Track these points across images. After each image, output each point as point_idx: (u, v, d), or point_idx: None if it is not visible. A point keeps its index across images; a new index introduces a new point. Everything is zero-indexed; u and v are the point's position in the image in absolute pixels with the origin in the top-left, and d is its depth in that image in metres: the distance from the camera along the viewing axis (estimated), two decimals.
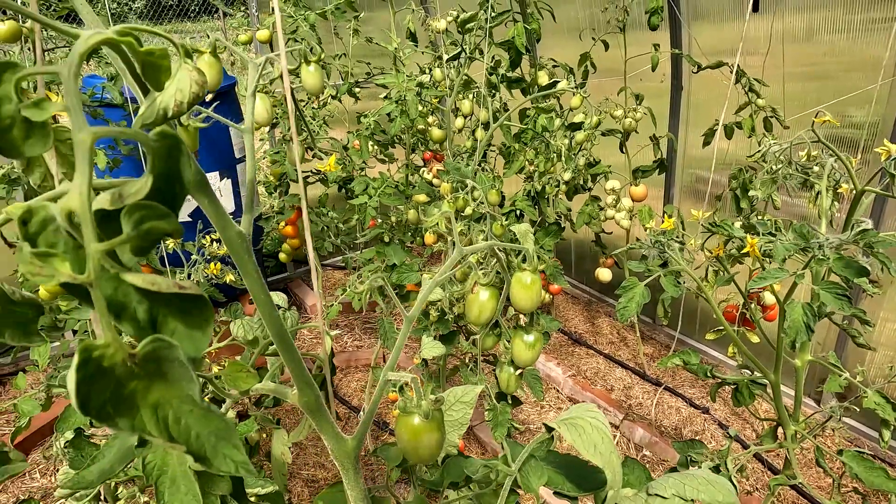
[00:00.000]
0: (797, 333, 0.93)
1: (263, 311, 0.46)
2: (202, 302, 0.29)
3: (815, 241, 0.92)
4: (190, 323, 0.29)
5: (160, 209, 0.27)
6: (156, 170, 0.28)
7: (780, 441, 1.32)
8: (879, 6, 2.36)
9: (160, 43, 0.39)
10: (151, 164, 0.28)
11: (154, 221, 0.26)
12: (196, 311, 0.29)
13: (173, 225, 0.27)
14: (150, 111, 0.37)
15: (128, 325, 0.28)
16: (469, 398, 0.63)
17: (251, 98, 0.52)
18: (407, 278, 1.82)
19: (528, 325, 0.65)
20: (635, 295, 1.11)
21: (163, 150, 0.28)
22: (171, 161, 0.28)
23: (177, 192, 0.29)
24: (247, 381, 0.58)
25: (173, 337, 0.29)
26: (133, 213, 0.26)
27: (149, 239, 0.27)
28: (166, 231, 0.27)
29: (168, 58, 0.32)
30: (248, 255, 0.44)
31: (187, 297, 0.28)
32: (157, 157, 0.28)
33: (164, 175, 0.28)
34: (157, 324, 0.29)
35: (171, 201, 0.29)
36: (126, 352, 0.26)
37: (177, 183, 0.29)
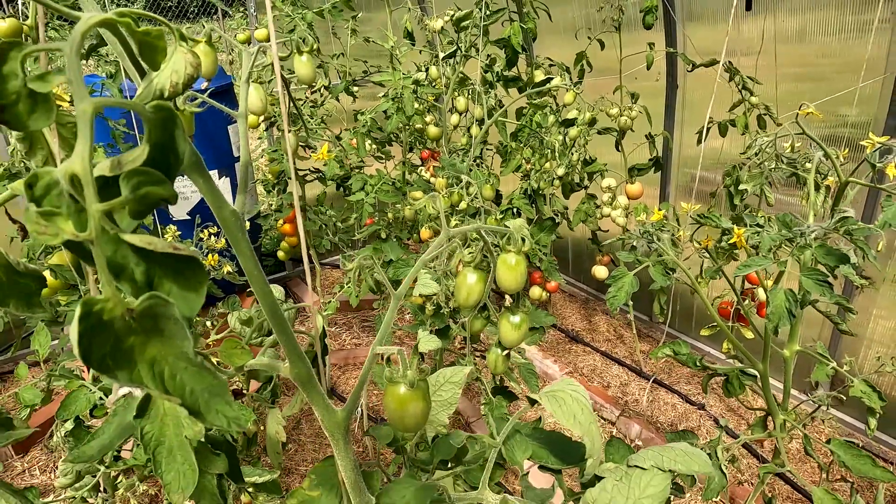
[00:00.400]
0: (780, 319, 0.95)
1: (257, 287, 0.48)
2: (196, 264, 0.31)
3: (798, 229, 0.95)
4: (184, 284, 0.31)
5: (156, 175, 0.29)
6: (152, 139, 0.30)
7: (769, 430, 1.34)
8: (871, 7, 2.39)
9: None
10: (148, 134, 0.30)
11: (150, 186, 0.28)
12: (190, 273, 0.31)
13: (168, 191, 0.29)
14: (147, 91, 0.39)
15: (126, 285, 0.30)
16: (458, 378, 0.65)
17: (245, 85, 0.54)
18: (403, 273, 1.84)
19: (514, 306, 0.67)
20: (624, 284, 1.13)
21: (159, 122, 0.30)
22: (166, 132, 0.30)
23: (171, 162, 0.31)
24: (241, 357, 0.60)
25: (169, 296, 0.31)
26: (131, 178, 0.28)
27: (145, 203, 0.29)
28: (162, 196, 0.29)
29: (163, 38, 0.34)
30: (242, 234, 0.47)
31: (182, 258, 0.30)
32: (154, 128, 0.30)
33: (159, 145, 0.30)
34: (154, 285, 0.31)
35: (167, 170, 0.31)
36: (125, 306, 0.28)
37: (171, 153, 0.31)
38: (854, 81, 2.50)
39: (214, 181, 2.08)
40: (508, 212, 2.52)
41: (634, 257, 1.18)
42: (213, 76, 0.62)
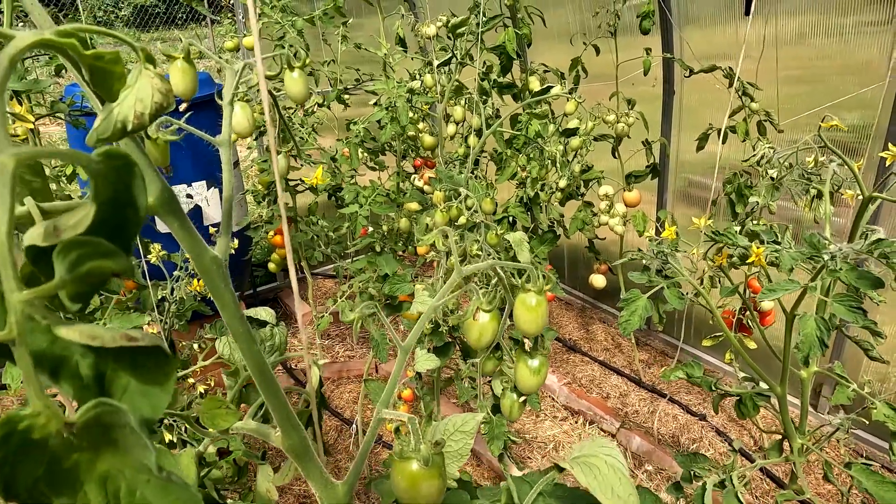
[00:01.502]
0: (811, 348, 0.89)
1: (242, 345, 0.42)
2: (159, 353, 0.24)
3: (827, 251, 0.89)
4: (146, 377, 0.24)
5: (103, 246, 0.22)
6: (100, 196, 0.23)
7: (786, 455, 1.28)
8: (871, 10, 2.35)
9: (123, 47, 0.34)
10: (94, 190, 0.23)
11: (95, 261, 0.22)
12: (153, 363, 0.24)
13: (121, 263, 0.22)
14: (105, 125, 0.32)
15: (68, 385, 0.23)
16: (469, 427, 0.58)
17: (228, 107, 0.47)
18: (399, 289, 1.77)
19: (533, 348, 0.60)
20: (637, 308, 1.07)
21: (110, 174, 0.23)
22: (120, 186, 0.24)
23: (129, 222, 0.24)
24: (226, 418, 0.53)
25: (125, 394, 0.24)
26: (69, 252, 0.21)
27: (89, 282, 0.22)
28: (112, 271, 0.22)
29: (120, 63, 0.28)
30: (225, 284, 0.40)
31: (142, 348, 0.23)
32: (102, 183, 0.23)
33: (111, 202, 0.24)
34: (106, 381, 0.24)
35: (121, 233, 0.24)
36: (61, 421, 0.21)
37: (128, 210, 0.24)
38: (854, 85, 2.46)
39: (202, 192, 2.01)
40: (504, 220, 2.46)
41: (648, 278, 1.12)
42: (192, 96, 0.55)
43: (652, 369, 3.49)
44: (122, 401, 0.24)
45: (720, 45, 2.90)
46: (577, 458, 0.47)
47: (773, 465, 2.64)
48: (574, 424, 3.13)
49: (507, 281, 0.56)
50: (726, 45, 2.88)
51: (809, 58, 2.63)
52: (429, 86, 2.11)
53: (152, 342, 0.23)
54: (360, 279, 2.25)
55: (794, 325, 1.12)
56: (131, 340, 0.23)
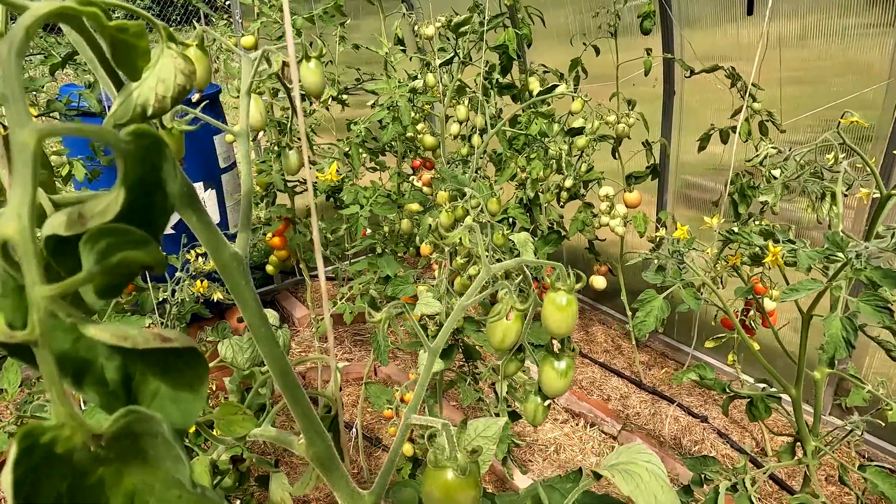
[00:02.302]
0: (836, 349, 0.87)
1: (264, 347, 0.39)
2: (193, 355, 0.22)
3: (851, 249, 0.87)
4: (177, 382, 0.22)
5: (135, 234, 0.19)
6: (129, 179, 0.21)
7: (798, 458, 1.27)
8: (873, 11, 2.35)
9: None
10: (124, 172, 0.21)
11: (127, 251, 0.19)
12: (185, 366, 0.22)
13: (153, 255, 0.20)
14: (124, 108, 0.29)
15: (93, 391, 0.21)
16: (492, 432, 0.56)
17: (245, 98, 0.45)
18: (402, 291, 1.75)
19: (561, 350, 0.58)
20: (653, 308, 1.05)
21: (138, 154, 0.21)
22: (149, 167, 0.21)
23: (158, 209, 0.22)
24: (243, 425, 0.50)
25: (154, 400, 0.22)
26: (97, 241, 0.19)
27: (119, 275, 0.20)
28: (144, 263, 0.20)
29: (145, 37, 0.25)
30: (246, 281, 0.37)
31: (174, 350, 0.21)
32: (132, 163, 0.21)
33: (140, 186, 0.21)
34: (134, 385, 0.22)
35: (151, 221, 0.21)
36: (87, 432, 0.19)
37: (158, 195, 0.22)
38: (856, 85, 2.46)
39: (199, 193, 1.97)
40: (504, 221, 2.44)
41: (663, 278, 1.10)
42: (206, 86, 0.53)
43: (652, 371, 3.47)
44: (151, 408, 0.22)
45: (721, 46, 2.90)
46: (615, 466, 0.45)
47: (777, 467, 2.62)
48: (575, 427, 3.11)
49: (532, 279, 0.54)
50: (727, 46, 2.88)
51: (811, 58, 2.62)
52: (430, 85, 2.09)
53: (186, 343, 0.21)
54: (360, 281, 2.22)
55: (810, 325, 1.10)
56: (165, 341, 0.20)
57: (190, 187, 0.36)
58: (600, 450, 2.97)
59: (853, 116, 1.17)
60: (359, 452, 2.80)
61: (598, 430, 3.06)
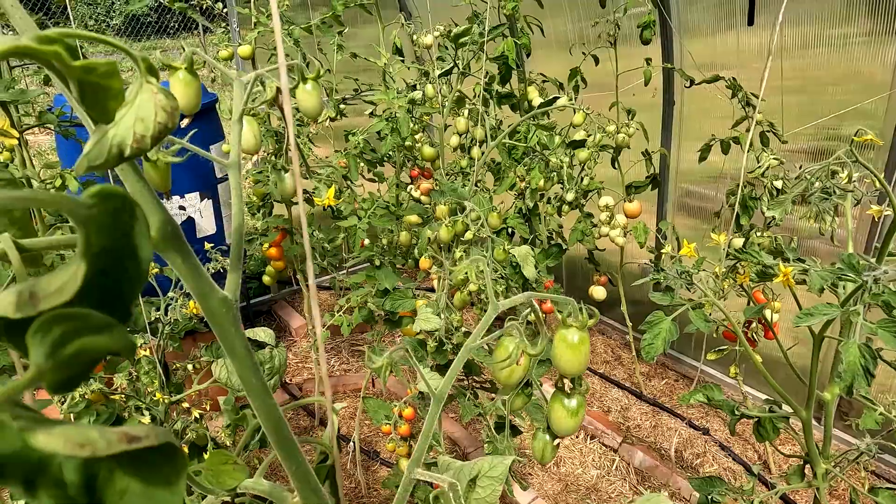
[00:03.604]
0: (854, 378, 0.84)
1: (255, 400, 0.36)
2: (169, 449, 0.19)
3: (868, 273, 0.84)
4: (150, 478, 0.19)
5: (95, 319, 0.17)
6: (92, 249, 0.18)
7: (808, 481, 1.24)
8: (875, 20, 2.33)
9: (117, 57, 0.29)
10: (85, 243, 0.18)
11: (85, 338, 0.16)
12: (159, 462, 0.19)
13: (118, 341, 0.17)
14: (99, 148, 0.26)
15: (48, 497, 0.18)
16: (498, 473, 0.53)
17: (237, 124, 0.42)
18: (401, 305, 1.72)
19: (572, 388, 0.55)
20: (661, 331, 1.02)
21: (104, 219, 0.18)
22: (117, 234, 0.18)
23: (128, 280, 0.19)
24: (233, 476, 0.47)
25: (123, 501, 0.19)
26: (49, 330, 0.16)
27: (77, 366, 0.17)
28: (107, 350, 0.17)
29: (117, 76, 0.22)
30: (236, 329, 0.34)
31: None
32: (96, 231, 0.18)
33: (106, 256, 0.18)
34: (98, 485, 0.19)
35: (119, 295, 0.19)
36: None
37: (128, 263, 0.19)
38: (858, 95, 2.44)
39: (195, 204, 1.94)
40: (503, 232, 2.41)
41: (671, 299, 1.07)
42: (196, 110, 0.50)
43: (653, 382, 3.44)
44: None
45: (721, 55, 2.88)
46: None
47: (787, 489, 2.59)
48: (575, 439, 3.08)
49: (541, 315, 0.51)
50: (727, 55, 2.86)
51: (812, 68, 2.61)
52: (430, 96, 2.07)
53: (160, 440, 0.18)
54: (358, 293, 2.19)
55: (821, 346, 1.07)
56: (133, 441, 0.17)
57: (175, 228, 0.33)
58: (601, 463, 2.93)
59: (868, 134, 1.15)
60: (356, 466, 2.76)
61: (599, 443, 3.03)
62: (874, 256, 1.09)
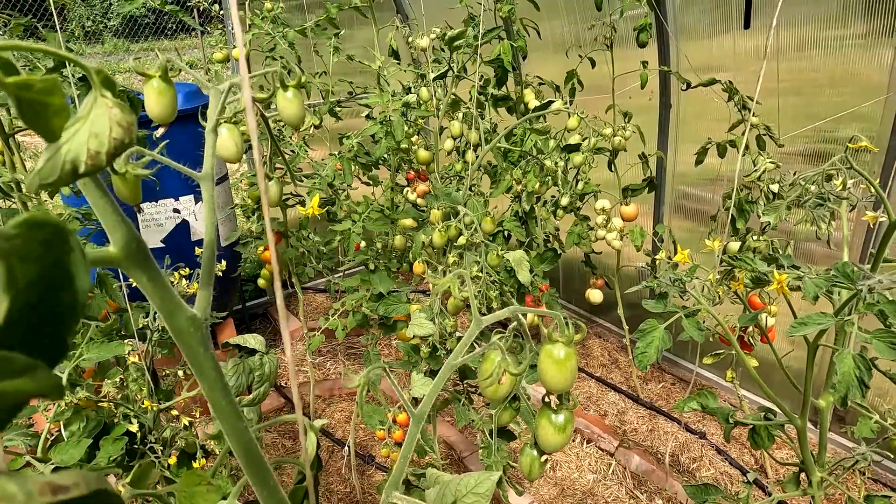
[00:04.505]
0: (848, 389, 0.83)
1: (225, 423, 0.35)
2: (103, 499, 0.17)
3: (864, 282, 0.83)
4: None
5: (15, 362, 0.15)
6: (18, 283, 0.16)
7: (803, 488, 1.22)
8: (871, 23, 2.33)
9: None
10: (6, 275, 0.16)
11: (6, 381, 0.15)
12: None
13: (43, 381, 0.16)
14: (50, 166, 0.25)
15: None
16: (484, 489, 0.52)
17: (212, 135, 0.41)
18: (395, 310, 1.70)
19: (559, 404, 0.54)
20: (654, 339, 1.01)
21: (32, 250, 0.17)
22: (48, 263, 0.17)
23: (62, 310, 0.18)
24: (206, 497, 0.46)
25: None
26: None
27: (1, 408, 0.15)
28: (30, 394, 0.16)
29: (57, 93, 0.21)
30: (205, 349, 0.33)
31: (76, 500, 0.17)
32: (21, 264, 0.17)
33: (36, 288, 0.17)
34: None
35: (52, 329, 0.17)
36: None
37: (62, 293, 0.18)
38: (854, 98, 2.44)
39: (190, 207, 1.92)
40: (499, 234, 2.40)
41: (664, 307, 1.06)
42: (170, 119, 0.49)
43: (650, 385, 3.43)
44: None
45: (718, 58, 2.88)
46: None
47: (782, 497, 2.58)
48: (571, 443, 3.06)
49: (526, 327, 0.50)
50: (723, 57, 2.86)
51: (809, 70, 2.60)
52: (424, 99, 2.06)
53: (92, 488, 0.17)
54: (353, 297, 2.18)
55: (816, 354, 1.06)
56: (59, 492, 0.16)
57: (139, 244, 0.32)
58: (597, 467, 2.92)
59: (862, 141, 1.14)
60: (351, 471, 2.75)
61: (595, 447, 3.02)
62: (870, 262, 1.08)
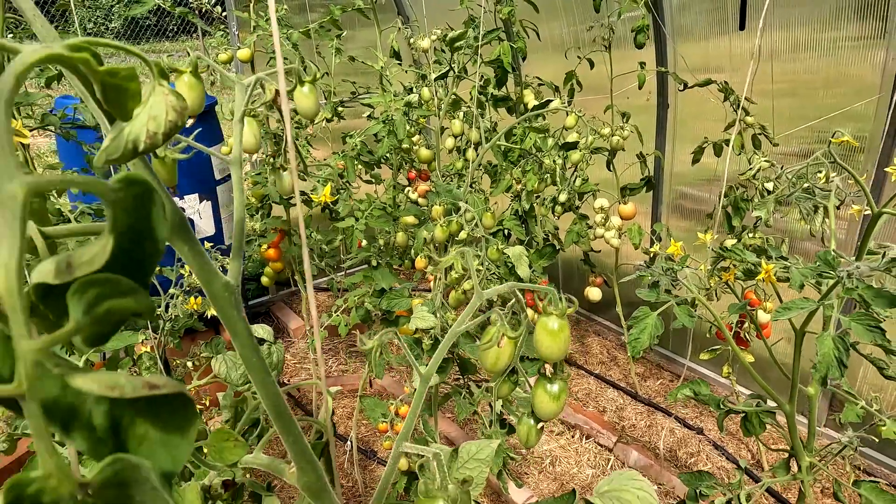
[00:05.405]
0: (828, 369, 0.87)
1: (255, 376, 0.39)
2: (182, 399, 0.22)
3: (843, 269, 0.88)
4: (166, 426, 0.22)
5: (123, 284, 0.20)
6: (118, 227, 0.21)
7: (793, 473, 1.27)
8: (864, 25, 2.37)
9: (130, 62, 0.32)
10: (112, 220, 0.21)
11: (114, 300, 0.19)
12: (174, 411, 0.22)
13: (141, 303, 0.20)
14: (115, 144, 0.30)
15: (81, 437, 0.21)
16: (485, 455, 0.56)
17: (238, 124, 0.45)
18: (397, 304, 1.75)
19: (553, 373, 0.58)
20: (647, 326, 1.05)
21: (128, 202, 0.21)
22: (139, 215, 0.21)
23: (147, 256, 0.22)
24: (234, 452, 0.50)
25: (143, 445, 0.22)
26: (85, 292, 0.19)
27: (107, 323, 0.20)
28: (132, 311, 0.20)
29: (136, 80, 0.25)
30: (238, 312, 0.37)
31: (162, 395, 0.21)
32: (121, 212, 0.21)
33: (129, 234, 0.21)
34: (122, 430, 0.22)
35: (140, 268, 0.22)
36: (74, 483, 0.19)
37: (147, 242, 0.22)
38: (848, 97, 2.48)
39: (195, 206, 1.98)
40: (499, 233, 2.44)
41: (656, 295, 1.10)
42: (199, 111, 0.53)
43: (648, 382, 3.47)
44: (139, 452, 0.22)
45: (714, 59, 2.92)
46: (606, 493, 0.45)
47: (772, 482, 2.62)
48: (570, 439, 3.10)
49: (524, 304, 0.54)
50: (720, 58, 2.90)
51: (803, 71, 2.64)
52: (426, 99, 2.10)
53: (175, 389, 0.21)
54: (356, 293, 2.22)
55: (803, 341, 1.11)
56: (153, 388, 0.20)
57: (182, 218, 0.36)
58: (596, 462, 2.96)
59: (843, 136, 1.18)
60: (353, 466, 2.79)
61: (594, 443, 3.06)
62: None
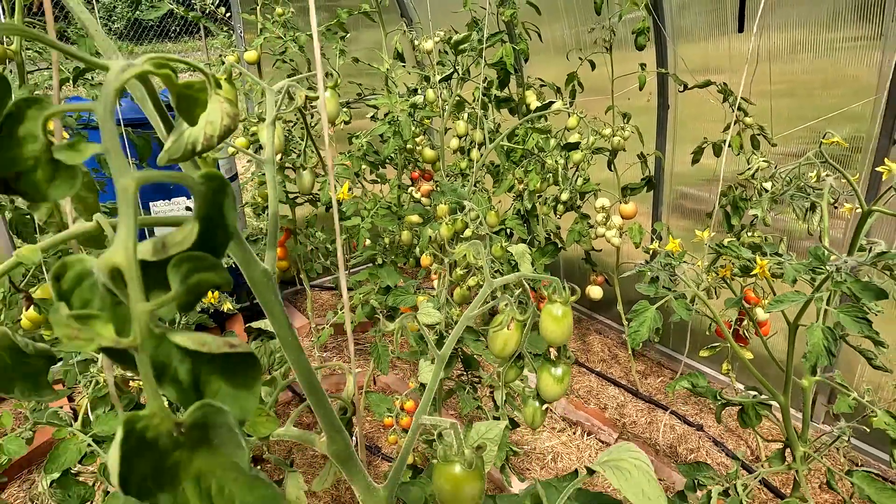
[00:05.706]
0: (818, 358, 0.92)
1: (291, 354, 0.43)
2: (251, 359, 0.26)
3: (832, 263, 0.92)
4: (236, 382, 0.26)
5: (208, 260, 0.24)
6: (201, 213, 0.25)
7: (788, 464, 1.31)
8: (861, 26, 2.41)
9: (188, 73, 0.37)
10: (197, 208, 0.25)
11: (203, 273, 0.24)
12: (243, 369, 0.26)
13: (223, 277, 0.24)
14: (176, 146, 0.34)
15: (170, 388, 0.25)
16: (494, 434, 0.60)
17: (270, 128, 0.49)
18: (403, 301, 1.79)
19: (557, 357, 0.62)
20: (647, 319, 1.10)
21: (208, 194, 0.25)
22: (215, 205, 0.26)
23: (221, 238, 0.26)
24: (266, 425, 0.54)
25: (216, 398, 0.26)
26: (180, 266, 0.23)
27: (197, 293, 0.24)
28: (216, 283, 0.24)
29: (205, 91, 0.30)
30: (275, 296, 0.42)
31: (235, 354, 0.25)
32: (203, 201, 0.25)
33: (208, 220, 0.26)
34: (201, 384, 0.26)
35: (216, 249, 0.26)
36: (172, 421, 0.23)
37: (220, 229, 0.26)
38: (845, 98, 2.52)
39: None
40: (501, 233, 2.48)
41: (655, 289, 1.14)
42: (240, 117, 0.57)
43: (649, 380, 3.51)
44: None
45: (714, 60, 2.96)
46: (606, 462, 0.49)
47: (770, 474, 2.66)
48: (572, 435, 3.14)
49: (529, 291, 0.58)
50: (719, 60, 2.94)
51: (801, 72, 2.68)
52: (430, 100, 2.15)
53: (246, 349, 0.25)
54: (361, 291, 2.26)
55: (796, 335, 1.14)
56: (232, 347, 0.24)
57: None
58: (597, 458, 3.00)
59: (834, 137, 1.22)
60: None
61: (595, 439, 3.10)
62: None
